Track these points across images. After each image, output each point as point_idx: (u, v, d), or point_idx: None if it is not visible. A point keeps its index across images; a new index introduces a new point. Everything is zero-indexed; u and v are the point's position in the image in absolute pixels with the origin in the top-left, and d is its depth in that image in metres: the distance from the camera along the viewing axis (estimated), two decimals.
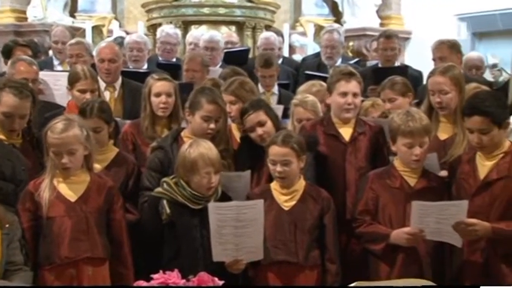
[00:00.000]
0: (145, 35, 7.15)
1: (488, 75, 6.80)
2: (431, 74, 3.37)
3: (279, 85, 4.95)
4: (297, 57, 7.63)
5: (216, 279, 1.99)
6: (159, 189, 2.94)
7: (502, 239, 2.79)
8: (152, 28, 7.85)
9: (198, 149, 2.85)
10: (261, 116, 3.24)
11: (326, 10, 9.44)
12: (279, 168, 2.94)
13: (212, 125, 3.15)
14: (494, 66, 7.29)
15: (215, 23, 7.67)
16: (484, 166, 2.87)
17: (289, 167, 2.94)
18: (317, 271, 2.95)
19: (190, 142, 2.95)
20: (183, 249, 2.86)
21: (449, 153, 3.15)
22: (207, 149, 2.87)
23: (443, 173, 3.08)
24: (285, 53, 7.26)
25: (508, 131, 2.95)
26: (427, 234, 2.80)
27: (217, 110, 3.17)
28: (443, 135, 3.28)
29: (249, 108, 3.28)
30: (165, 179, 2.95)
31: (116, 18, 8.90)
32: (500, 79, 6.76)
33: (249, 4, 7.86)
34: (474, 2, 8.59)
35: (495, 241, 2.81)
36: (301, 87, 4.16)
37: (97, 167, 3.12)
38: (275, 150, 2.96)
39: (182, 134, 3.25)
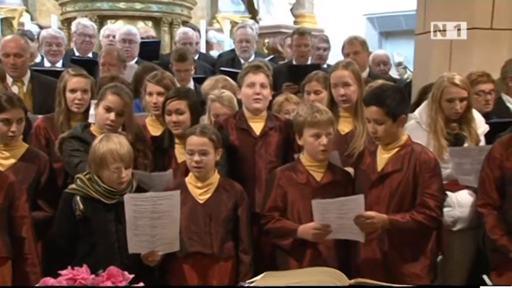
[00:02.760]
0: (59, 28, 6.93)
1: (394, 73, 7.09)
2: (335, 68, 3.44)
3: (195, 80, 4.93)
4: (214, 53, 7.64)
5: (126, 273, 1.93)
6: (72, 185, 2.86)
7: (398, 230, 2.85)
8: (66, 22, 7.60)
9: (107, 144, 2.80)
10: (183, 105, 3.24)
11: (242, 7, 9.55)
12: (196, 157, 2.94)
13: (112, 117, 3.14)
14: (399, 64, 7.60)
15: (131, 18, 7.58)
16: (382, 159, 2.93)
17: (206, 157, 2.95)
18: (231, 262, 2.96)
19: (101, 136, 2.89)
20: (98, 244, 2.80)
21: (350, 146, 3.24)
22: (117, 144, 2.81)
23: (349, 170, 3.13)
24: (202, 49, 7.27)
25: (406, 125, 3.05)
26: (331, 233, 2.82)
27: (119, 103, 3.16)
28: (344, 129, 3.34)
29: (174, 95, 3.29)
30: (78, 175, 2.88)
31: (27, 11, 8.52)
32: (405, 76, 7.07)
33: (165, 0, 7.77)
34: (381, 3, 8.95)
35: (392, 232, 2.87)
36: (206, 84, 4.18)
37: (4, 163, 3.00)
38: (193, 140, 2.96)
39: (91, 127, 3.24)
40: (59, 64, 5.26)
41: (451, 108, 3.28)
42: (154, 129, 3.50)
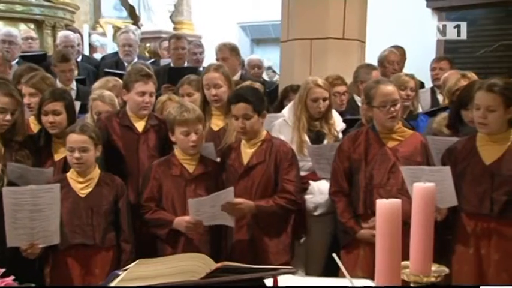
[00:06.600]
0: None
1: (264, 76, 7.30)
2: (207, 71, 3.50)
3: (77, 81, 4.78)
4: (98, 55, 7.43)
5: None
6: None
7: (263, 214, 2.97)
8: None
9: None
10: (59, 106, 3.13)
11: (124, 13, 9.36)
12: (76, 154, 2.86)
13: (8, 117, 2.99)
14: (269, 68, 7.85)
15: (12, 20, 7.11)
16: (247, 153, 3.03)
17: (87, 153, 2.88)
18: (112, 251, 2.91)
19: None
20: None
21: (223, 141, 3.30)
22: None
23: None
24: (85, 51, 7.04)
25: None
26: (204, 221, 2.86)
27: (13, 102, 3.02)
28: (216, 127, 3.41)
29: (50, 96, 3.16)
30: None
31: None
32: (274, 79, 7.31)
33: (47, 3, 7.42)
34: (252, 13, 9.15)
35: (258, 217, 2.98)
36: (96, 83, 4.09)
37: None
38: (73, 138, 2.88)
39: None
40: None
41: (315, 107, 3.42)
42: (37, 127, 3.34)
